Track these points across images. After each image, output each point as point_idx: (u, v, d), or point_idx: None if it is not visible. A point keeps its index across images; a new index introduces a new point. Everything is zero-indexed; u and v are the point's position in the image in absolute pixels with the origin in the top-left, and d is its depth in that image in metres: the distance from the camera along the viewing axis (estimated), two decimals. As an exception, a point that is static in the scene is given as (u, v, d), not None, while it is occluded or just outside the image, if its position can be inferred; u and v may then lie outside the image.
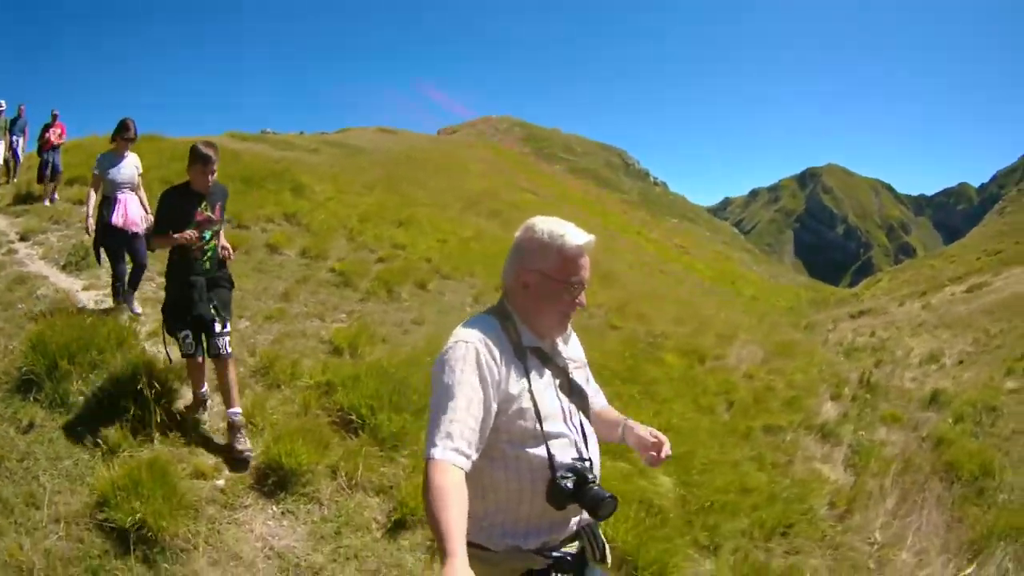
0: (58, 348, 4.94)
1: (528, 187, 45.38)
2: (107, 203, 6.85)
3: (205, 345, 4.63)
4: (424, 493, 1.73)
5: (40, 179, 11.85)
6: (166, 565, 3.57)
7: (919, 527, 5.66)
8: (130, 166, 7.07)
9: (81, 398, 4.77)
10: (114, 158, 7.00)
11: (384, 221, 14.15)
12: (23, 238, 9.38)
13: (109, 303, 7.12)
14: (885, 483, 6.60)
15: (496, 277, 11.79)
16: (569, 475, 1.99)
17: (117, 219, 6.74)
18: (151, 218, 6.78)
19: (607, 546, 2.16)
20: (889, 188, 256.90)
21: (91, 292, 7.52)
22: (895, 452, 7.87)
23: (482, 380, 1.91)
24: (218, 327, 4.65)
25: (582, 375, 2.29)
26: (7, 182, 13.62)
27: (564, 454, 2.04)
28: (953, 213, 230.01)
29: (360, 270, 9.59)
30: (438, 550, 1.60)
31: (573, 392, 2.19)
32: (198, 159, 4.64)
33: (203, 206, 4.77)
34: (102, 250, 6.92)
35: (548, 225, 2.11)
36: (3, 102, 13.93)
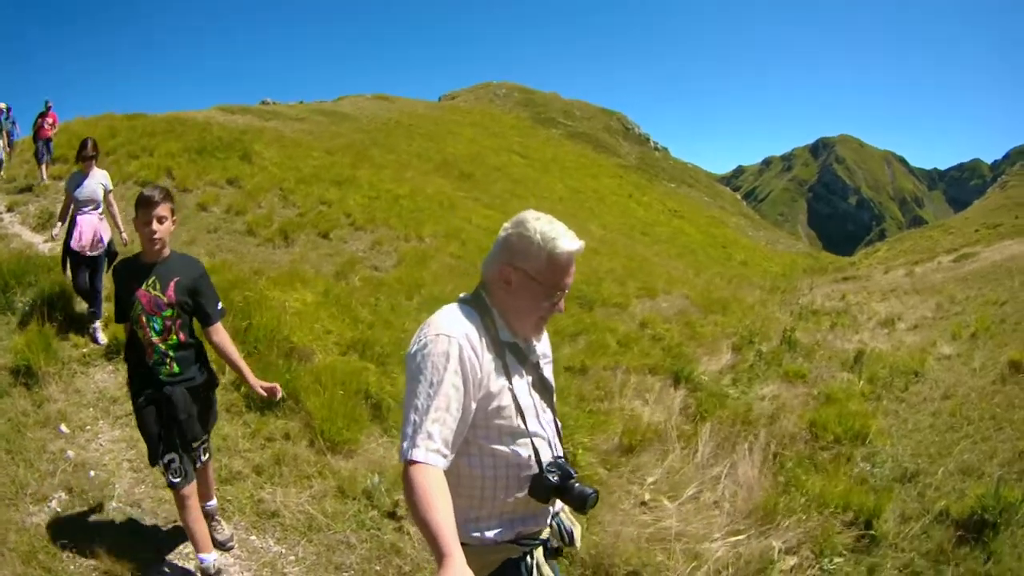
0: (8, 273, 7.38)
1: (519, 151, 46.08)
2: (73, 223, 6.94)
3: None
4: (407, 495, 1.73)
5: (39, 163, 13.83)
6: (36, 389, 5.56)
7: (718, 481, 5.15)
8: (93, 183, 7.06)
9: (21, 304, 7.09)
10: (80, 177, 7.03)
11: (323, 181, 15.62)
12: (9, 209, 11.92)
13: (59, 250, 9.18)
14: (702, 430, 6.05)
15: (411, 229, 13.42)
16: (553, 470, 2.06)
17: (74, 242, 6.80)
18: (126, 236, 7.40)
19: (575, 530, 2.25)
20: (902, 161, 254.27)
21: (48, 244, 9.58)
22: (767, 406, 7.34)
23: (464, 379, 1.90)
24: (203, 454, 3.81)
25: (549, 370, 2.31)
26: None
27: (543, 452, 2.09)
28: (966, 188, 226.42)
29: (267, 223, 11.30)
30: (432, 551, 1.62)
31: (544, 389, 2.21)
32: (139, 204, 3.49)
33: (150, 282, 3.54)
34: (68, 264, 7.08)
35: (540, 225, 2.07)
36: (2, 104, 15.08)
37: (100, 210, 7.06)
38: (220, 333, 3.76)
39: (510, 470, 2.05)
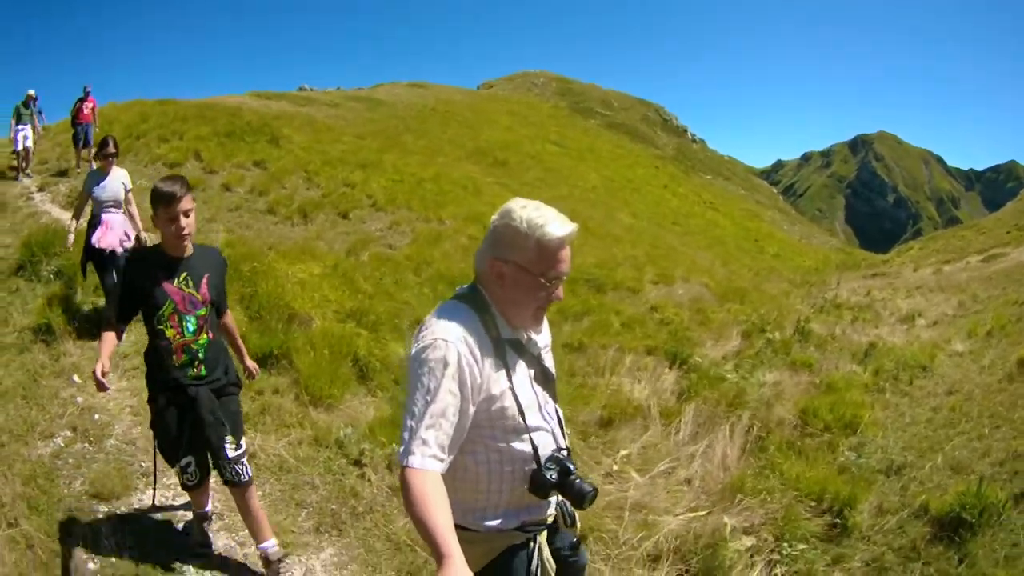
0: (36, 245, 8.10)
1: (556, 140, 46.03)
2: (93, 222, 6.83)
3: (211, 465, 3.62)
4: (406, 499, 1.75)
5: (76, 147, 14.40)
6: (55, 344, 6.22)
7: (693, 459, 5.17)
8: (115, 183, 6.87)
9: (47, 272, 7.80)
10: (99, 176, 6.85)
11: (348, 164, 16.02)
12: (40, 189, 12.93)
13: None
14: (685, 409, 6.05)
15: (431, 211, 13.71)
16: (552, 466, 2.06)
17: (96, 239, 6.63)
18: (145, 235, 7.09)
19: (576, 514, 2.30)
20: (940, 160, 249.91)
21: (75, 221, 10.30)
22: (766, 392, 7.35)
23: (462, 384, 1.89)
24: (230, 451, 3.54)
25: (550, 359, 2.30)
26: (24, 168, 14.48)
27: (545, 446, 2.10)
28: (1002, 190, 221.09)
29: (288, 202, 11.77)
30: (431, 551, 1.65)
31: (546, 379, 2.21)
32: (159, 198, 3.33)
33: (181, 278, 3.44)
34: (89, 265, 6.89)
35: (527, 212, 2.00)
36: (32, 90, 15.06)
37: (122, 210, 6.93)
38: (228, 316, 3.80)
39: (515, 465, 2.07)
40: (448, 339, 1.91)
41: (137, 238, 6.92)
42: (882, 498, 4.99)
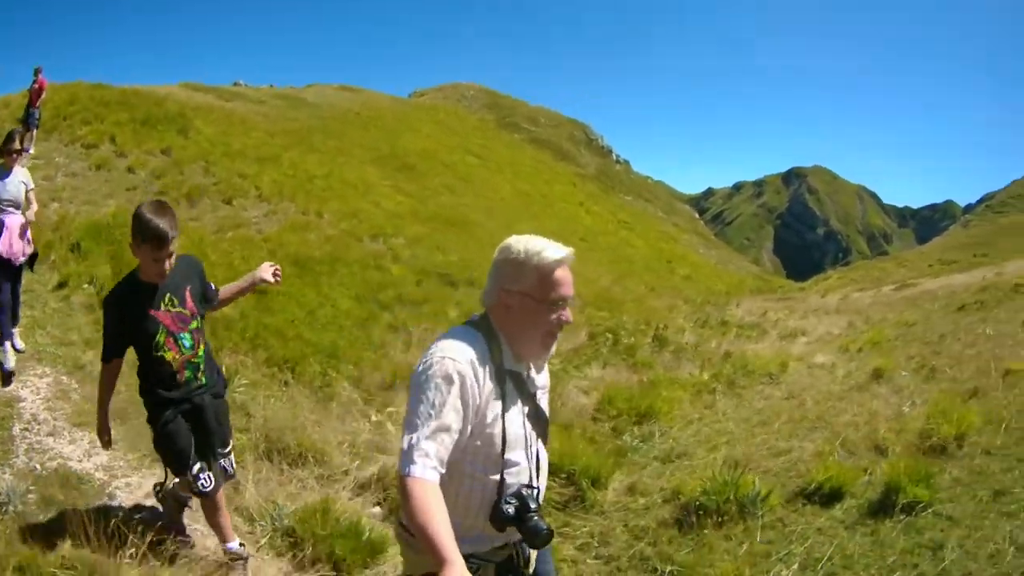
0: None
1: (476, 152, 46.73)
2: None
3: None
4: (405, 507, 1.84)
5: (26, 127, 14.71)
6: None
7: None
8: (16, 182, 6.40)
9: None
10: (1, 173, 6.32)
11: (247, 158, 17.89)
12: None
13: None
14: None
15: (313, 205, 15.61)
16: (512, 501, 2.14)
17: (3, 248, 6.16)
18: (31, 247, 6.55)
19: (531, 556, 2.35)
20: (874, 196, 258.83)
21: None
22: (584, 384, 7.95)
23: (464, 404, 2.00)
24: (222, 449, 3.83)
25: (545, 401, 2.39)
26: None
27: (514, 483, 2.17)
28: (937, 228, 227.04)
29: (179, 186, 13.85)
30: (432, 557, 1.72)
31: (538, 419, 2.29)
32: (149, 237, 3.29)
33: (166, 300, 3.51)
34: None
35: (523, 243, 2.14)
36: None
37: (21, 209, 6.43)
38: (220, 292, 3.89)
39: (482, 494, 2.15)
40: (456, 358, 2.03)
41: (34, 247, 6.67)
42: (640, 479, 5.24)
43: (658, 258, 45.39)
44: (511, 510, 2.13)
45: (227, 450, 3.88)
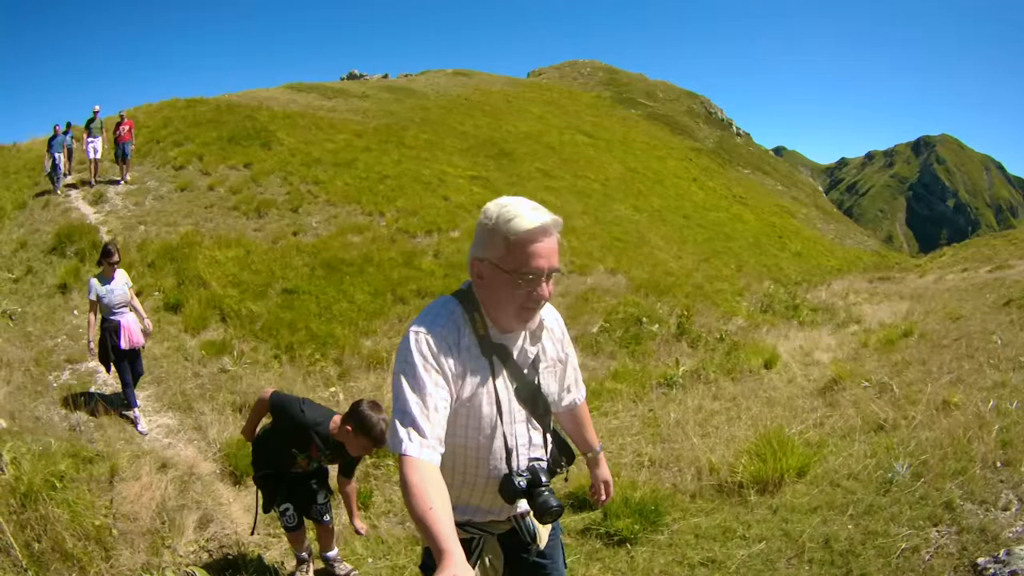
0: (64, 235, 13.06)
1: (587, 130, 46.06)
2: (108, 325, 7.44)
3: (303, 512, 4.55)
4: (404, 489, 1.78)
5: (118, 161, 17.29)
6: (69, 295, 11.03)
7: None
8: (120, 285, 7.49)
9: (69, 253, 12.39)
10: (105, 281, 7.40)
11: (323, 164, 19.25)
12: (74, 187, 17.04)
13: (104, 217, 14.27)
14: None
15: (378, 205, 16.95)
16: (524, 474, 2.15)
17: (124, 343, 7.39)
18: (148, 323, 7.88)
19: (539, 531, 2.30)
20: (1000, 167, 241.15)
21: (100, 215, 14.75)
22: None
23: (443, 374, 1.97)
24: (320, 498, 4.52)
25: (553, 374, 2.32)
26: (94, 174, 17.12)
27: (499, 456, 2.16)
28: None
29: (250, 200, 15.85)
30: (431, 547, 1.66)
31: (529, 397, 2.21)
32: (368, 436, 3.85)
33: (326, 454, 4.26)
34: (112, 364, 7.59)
35: (498, 208, 2.02)
36: (98, 106, 17.47)
37: (128, 307, 7.61)
38: (352, 485, 4.46)
39: (464, 468, 2.17)
40: (420, 330, 2.02)
41: (145, 331, 7.84)
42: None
43: (769, 234, 43.29)
44: (522, 483, 2.14)
45: (324, 501, 4.59)
